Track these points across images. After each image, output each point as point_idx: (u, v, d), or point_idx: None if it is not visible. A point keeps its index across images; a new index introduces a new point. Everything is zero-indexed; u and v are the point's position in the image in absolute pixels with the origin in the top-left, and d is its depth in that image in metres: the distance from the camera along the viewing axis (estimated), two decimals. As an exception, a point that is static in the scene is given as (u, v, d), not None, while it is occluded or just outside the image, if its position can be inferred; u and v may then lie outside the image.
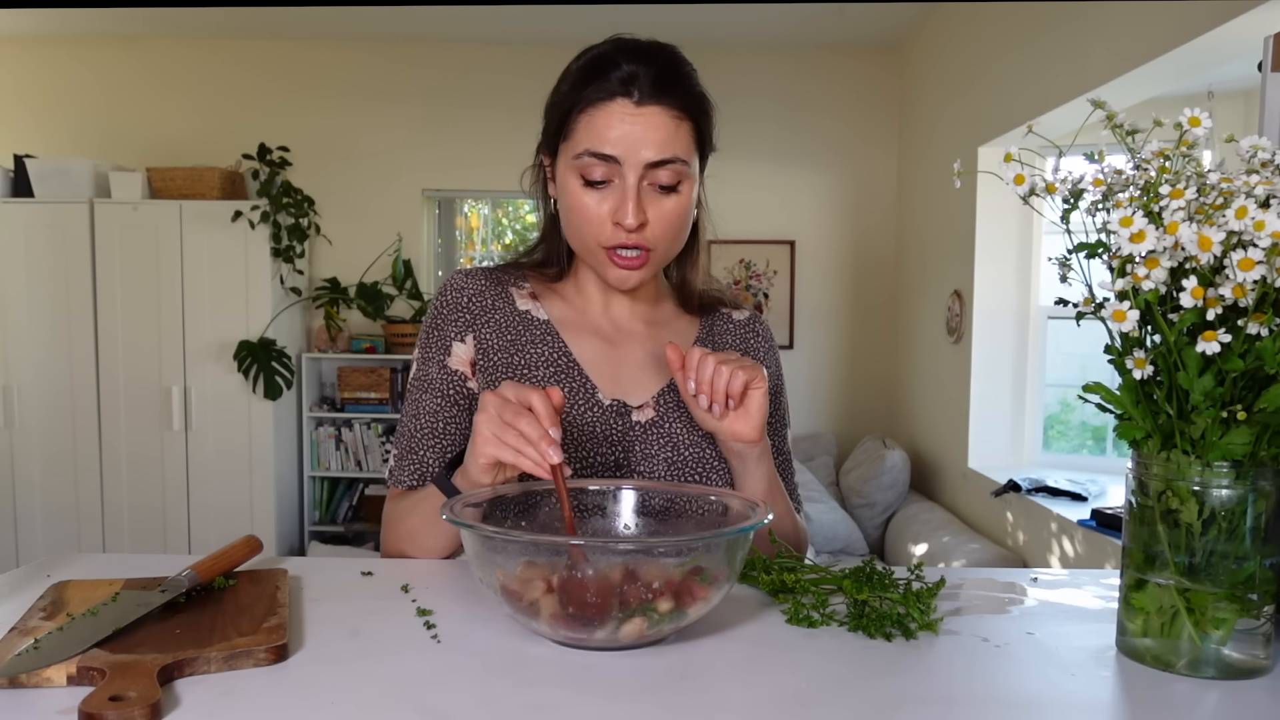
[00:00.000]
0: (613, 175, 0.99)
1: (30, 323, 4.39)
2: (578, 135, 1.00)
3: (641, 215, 0.99)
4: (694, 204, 1.05)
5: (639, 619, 0.71)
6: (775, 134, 4.70)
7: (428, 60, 4.76)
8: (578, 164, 1.00)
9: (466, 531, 0.74)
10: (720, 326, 1.19)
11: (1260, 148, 0.69)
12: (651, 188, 1.00)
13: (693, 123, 1.01)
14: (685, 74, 1.03)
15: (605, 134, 0.98)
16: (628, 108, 0.98)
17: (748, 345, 1.19)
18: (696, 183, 1.04)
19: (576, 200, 1.01)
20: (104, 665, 0.65)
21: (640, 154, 0.98)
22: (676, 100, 0.99)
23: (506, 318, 1.11)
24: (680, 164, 1.00)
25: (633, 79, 0.98)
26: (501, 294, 1.12)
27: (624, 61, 0.99)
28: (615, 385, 1.09)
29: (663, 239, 1.02)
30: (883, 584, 0.82)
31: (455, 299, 1.11)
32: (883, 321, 4.86)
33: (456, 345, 1.10)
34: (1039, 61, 3.20)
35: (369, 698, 0.64)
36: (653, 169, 0.99)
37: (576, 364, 1.09)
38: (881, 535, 4.14)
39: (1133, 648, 0.73)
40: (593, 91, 0.99)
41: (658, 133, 0.98)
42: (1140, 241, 0.65)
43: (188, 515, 4.49)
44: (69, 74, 4.77)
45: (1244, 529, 0.68)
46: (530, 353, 1.09)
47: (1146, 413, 0.70)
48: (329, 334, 4.67)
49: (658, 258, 1.04)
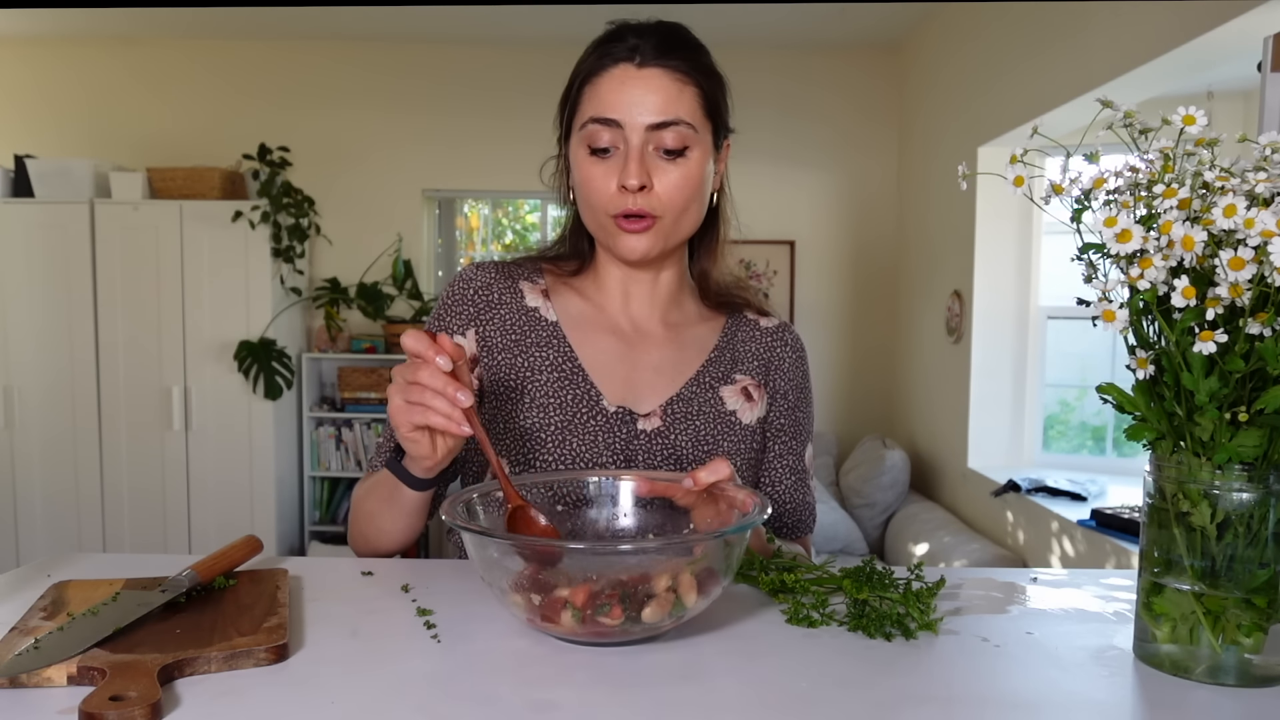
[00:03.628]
0: (618, 141, 0.99)
1: (30, 323, 4.39)
2: (583, 106, 1.01)
3: (644, 176, 0.98)
4: (706, 176, 1.03)
5: (657, 603, 0.71)
6: (775, 134, 4.70)
7: (428, 60, 4.76)
8: (584, 134, 1.00)
9: (468, 535, 0.74)
10: (744, 334, 1.16)
11: (1277, 145, 0.68)
12: (657, 152, 0.99)
13: (699, 88, 1.00)
14: (692, 44, 1.02)
15: (606, 98, 0.98)
16: (629, 71, 0.98)
17: (772, 355, 1.16)
18: (709, 155, 1.02)
19: (585, 172, 1.01)
20: (104, 665, 0.65)
21: (641, 115, 0.97)
22: (681, 63, 0.99)
23: (512, 314, 1.09)
24: (684, 126, 0.98)
25: (636, 46, 0.98)
26: (510, 288, 1.11)
27: (629, 34, 1.00)
28: (625, 389, 1.07)
29: (670, 206, 1.00)
30: (883, 584, 0.82)
31: (462, 291, 1.10)
32: (883, 321, 4.86)
33: (456, 339, 1.08)
34: (1039, 61, 3.20)
35: (369, 698, 0.64)
36: (656, 131, 0.98)
37: (581, 369, 1.07)
38: (881, 535, 4.14)
39: (1152, 653, 0.72)
40: (596, 62, 1.00)
41: (659, 94, 0.97)
42: (1126, 241, 0.65)
43: (188, 515, 4.49)
44: (69, 74, 4.76)
45: (1265, 534, 0.66)
46: (534, 355, 1.07)
47: (1161, 414, 0.70)
48: (329, 334, 4.67)
49: (666, 226, 1.01)
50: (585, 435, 1.04)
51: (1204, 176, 0.67)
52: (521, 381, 1.06)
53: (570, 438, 1.04)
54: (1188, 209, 0.66)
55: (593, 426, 1.05)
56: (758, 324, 1.17)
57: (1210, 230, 0.64)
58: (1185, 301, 0.64)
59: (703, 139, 1.01)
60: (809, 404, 1.19)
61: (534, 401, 1.05)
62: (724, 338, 1.14)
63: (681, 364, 1.10)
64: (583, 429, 1.04)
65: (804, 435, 1.18)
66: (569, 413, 1.05)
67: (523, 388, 1.06)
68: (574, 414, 1.05)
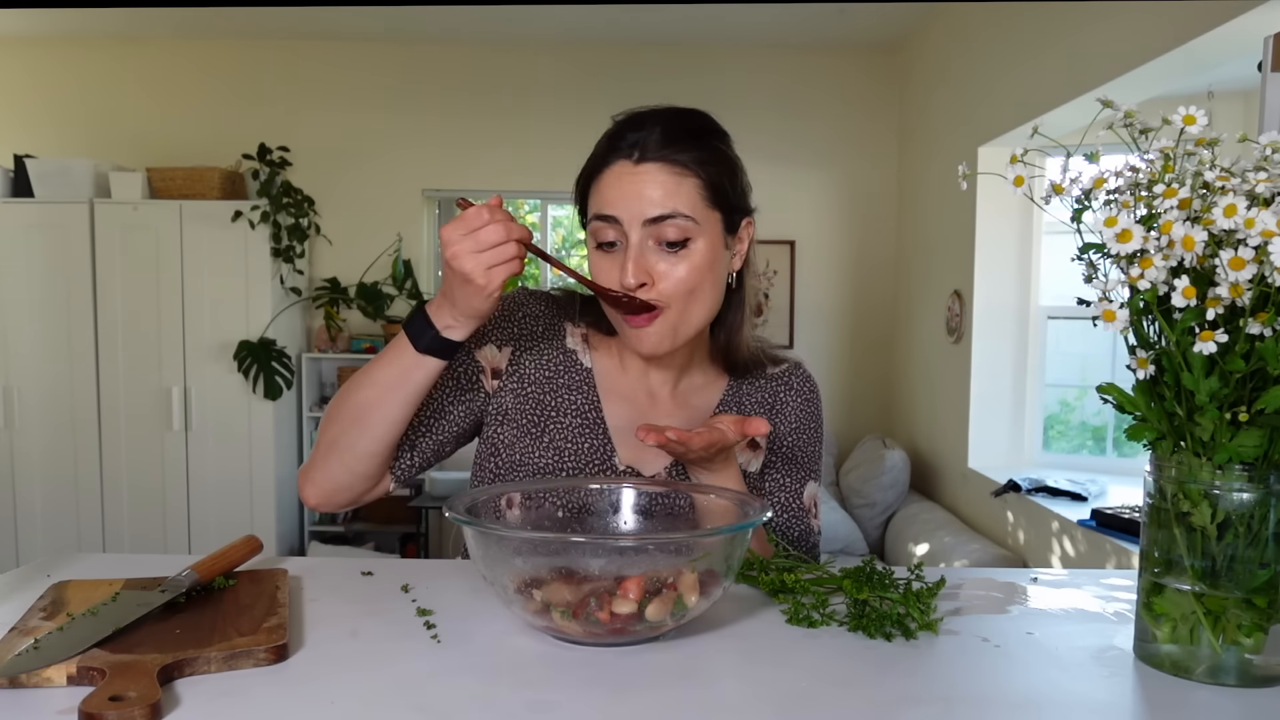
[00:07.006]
0: (620, 238, 0.99)
1: (30, 323, 4.39)
2: (590, 202, 1.02)
3: (641, 274, 0.97)
4: (716, 265, 1.01)
5: (660, 600, 0.71)
6: (775, 134, 4.70)
7: (428, 60, 4.76)
8: (591, 229, 1.01)
9: (471, 531, 0.74)
10: (749, 387, 1.16)
11: (1277, 145, 0.67)
12: (659, 246, 0.98)
13: (700, 179, 0.98)
14: (698, 132, 1.01)
15: (606, 194, 0.99)
16: (626, 167, 0.98)
17: (776, 399, 1.16)
18: (717, 242, 1.01)
19: (594, 266, 1.02)
20: (104, 665, 0.65)
21: (637, 210, 0.97)
22: (679, 155, 0.98)
23: (551, 352, 1.11)
24: (683, 219, 0.97)
25: (635, 142, 0.98)
26: (555, 326, 1.12)
27: (629, 131, 1.00)
28: (634, 453, 1.09)
29: (675, 298, 0.99)
30: (883, 584, 0.82)
31: (512, 311, 1.11)
32: (883, 322, 4.86)
33: (490, 348, 1.09)
34: (1039, 61, 3.20)
35: (369, 698, 0.64)
36: (654, 225, 0.97)
37: (603, 422, 1.09)
38: (881, 535, 4.14)
39: (1152, 653, 0.71)
40: (599, 159, 1.01)
41: (655, 189, 0.97)
42: (1127, 241, 0.65)
43: (188, 515, 4.49)
44: (69, 74, 4.76)
45: (1265, 534, 0.66)
46: (563, 397, 1.09)
47: (1161, 414, 0.70)
48: (329, 334, 4.67)
49: (673, 317, 1.00)
50: None
51: (1204, 176, 0.67)
52: (545, 420, 1.08)
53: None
54: (1188, 209, 0.66)
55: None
56: (764, 371, 1.17)
57: (1210, 230, 0.64)
58: (1185, 301, 0.64)
59: (707, 229, 0.99)
60: (813, 443, 1.19)
61: (552, 443, 1.07)
62: (729, 394, 1.15)
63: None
64: None
65: (801, 473, 1.17)
66: (582, 460, 1.07)
67: (545, 426, 1.08)
68: (586, 463, 1.07)
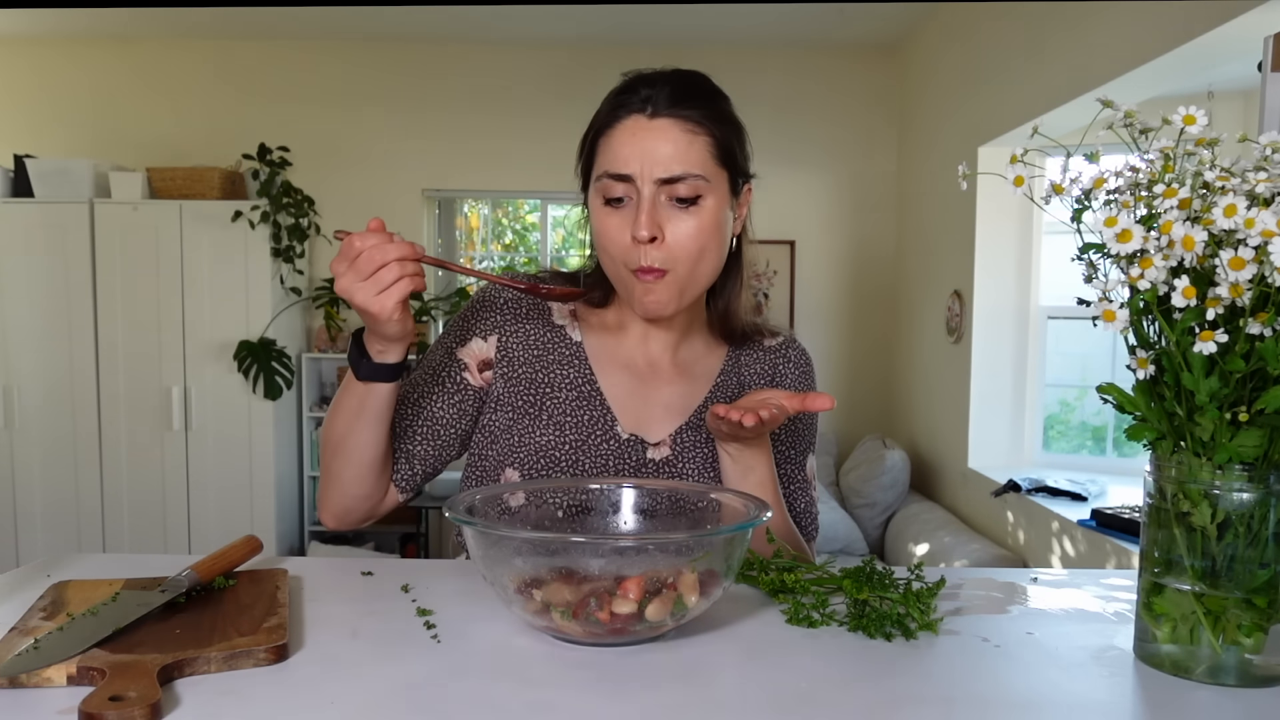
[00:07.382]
0: (631, 192, 0.98)
1: (30, 323, 4.39)
2: (598, 158, 1.01)
3: (654, 228, 0.97)
4: (723, 222, 1.02)
5: (660, 600, 0.71)
6: (775, 134, 4.70)
7: (428, 60, 4.76)
8: (599, 186, 1.00)
9: (471, 531, 0.74)
10: (748, 356, 1.16)
11: (1277, 145, 0.67)
12: (670, 202, 0.98)
13: (712, 137, 0.99)
14: (707, 92, 1.01)
15: (619, 151, 0.98)
16: (640, 122, 0.98)
17: (775, 371, 1.17)
18: (725, 202, 1.01)
19: (601, 224, 1.01)
20: (104, 665, 0.65)
21: (652, 167, 0.97)
22: (693, 113, 0.98)
23: (538, 329, 1.11)
24: (696, 178, 0.97)
25: (648, 97, 0.98)
26: (539, 305, 1.12)
27: (642, 86, 0.99)
28: (636, 421, 1.09)
29: (682, 259, 0.99)
30: (883, 584, 0.82)
31: (493, 299, 1.11)
32: (882, 322, 4.86)
33: (476, 341, 1.10)
34: (1039, 61, 3.20)
35: (369, 698, 0.64)
36: (668, 184, 0.97)
37: (600, 392, 1.09)
38: (881, 535, 4.14)
39: (1152, 653, 0.71)
40: (610, 114, 1.00)
41: (670, 145, 0.97)
42: (1127, 241, 0.65)
43: (188, 515, 4.49)
44: (69, 74, 4.76)
45: (1265, 534, 0.66)
46: (555, 373, 1.09)
47: (1161, 414, 0.70)
48: (329, 334, 4.67)
49: (678, 279, 1.00)
50: (597, 458, 1.06)
51: (1204, 176, 0.67)
52: (540, 397, 1.08)
53: (583, 458, 1.06)
54: (1188, 209, 0.66)
55: (605, 450, 1.07)
56: (762, 344, 1.18)
57: (1210, 230, 0.64)
58: (1185, 301, 0.64)
59: (717, 187, 1.00)
60: (811, 415, 1.19)
61: (551, 419, 1.07)
62: (729, 363, 1.15)
63: (690, 395, 1.12)
64: (595, 451, 1.06)
65: (803, 445, 1.18)
66: (584, 433, 1.07)
67: (541, 404, 1.08)
68: (588, 435, 1.07)
